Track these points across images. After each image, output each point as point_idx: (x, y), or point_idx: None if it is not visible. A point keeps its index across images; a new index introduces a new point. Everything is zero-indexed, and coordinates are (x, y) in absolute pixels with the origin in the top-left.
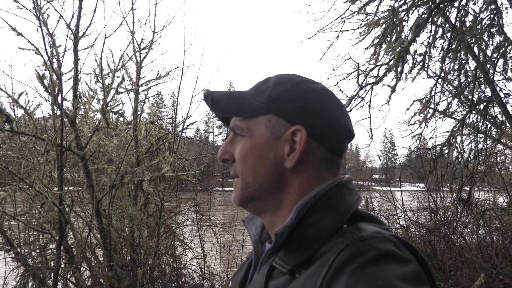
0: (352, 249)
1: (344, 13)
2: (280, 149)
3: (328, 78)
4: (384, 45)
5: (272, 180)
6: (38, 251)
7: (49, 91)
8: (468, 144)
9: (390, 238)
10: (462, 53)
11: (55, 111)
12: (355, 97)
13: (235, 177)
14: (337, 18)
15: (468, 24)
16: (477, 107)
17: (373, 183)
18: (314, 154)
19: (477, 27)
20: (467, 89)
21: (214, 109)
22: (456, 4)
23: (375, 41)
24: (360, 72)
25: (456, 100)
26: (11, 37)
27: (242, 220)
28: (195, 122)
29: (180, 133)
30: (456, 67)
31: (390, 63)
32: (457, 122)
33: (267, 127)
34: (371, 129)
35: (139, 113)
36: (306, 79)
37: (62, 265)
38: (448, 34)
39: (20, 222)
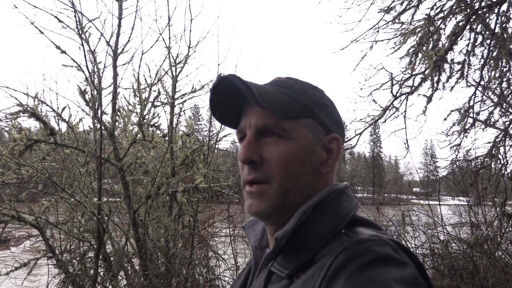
0: (349, 252)
1: (377, 23)
2: (319, 154)
3: (361, 89)
4: (420, 54)
5: (309, 186)
6: (78, 258)
7: (90, 105)
8: None
9: (388, 242)
10: (504, 60)
11: (95, 125)
12: (389, 108)
13: (262, 183)
14: (371, 28)
15: (510, 30)
16: None
17: (413, 197)
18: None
19: None
20: (510, 97)
21: (263, 102)
22: (496, 10)
23: (411, 50)
24: (394, 82)
25: (498, 109)
26: (56, 55)
27: (243, 226)
28: (229, 134)
29: (214, 145)
30: (497, 75)
31: (426, 72)
32: (499, 132)
33: (309, 131)
34: (407, 140)
35: (174, 125)
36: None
37: (101, 273)
38: (488, 41)
39: (62, 230)
